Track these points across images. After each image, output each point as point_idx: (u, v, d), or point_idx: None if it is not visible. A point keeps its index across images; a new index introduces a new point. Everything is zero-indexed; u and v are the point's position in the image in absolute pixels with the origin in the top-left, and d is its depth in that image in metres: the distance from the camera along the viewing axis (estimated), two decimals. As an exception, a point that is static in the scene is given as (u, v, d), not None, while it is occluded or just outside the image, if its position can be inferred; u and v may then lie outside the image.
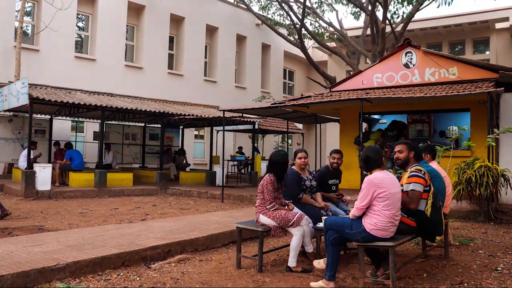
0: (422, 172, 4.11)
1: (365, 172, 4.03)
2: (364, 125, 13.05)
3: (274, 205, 4.67)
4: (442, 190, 4.72)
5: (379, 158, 3.96)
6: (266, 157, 18.44)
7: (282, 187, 4.88)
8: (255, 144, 18.15)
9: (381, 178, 3.81)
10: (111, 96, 14.33)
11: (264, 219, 4.69)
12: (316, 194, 5.36)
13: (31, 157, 11.37)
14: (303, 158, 5.23)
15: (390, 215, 3.75)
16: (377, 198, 3.76)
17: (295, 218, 4.58)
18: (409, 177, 4.08)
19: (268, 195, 4.67)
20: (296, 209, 4.93)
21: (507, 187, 7.55)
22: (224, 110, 11.25)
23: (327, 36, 20.75)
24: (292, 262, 4.56)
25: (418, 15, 17.22)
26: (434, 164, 5.22)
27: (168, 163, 15.91)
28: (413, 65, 10.46)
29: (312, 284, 4.00)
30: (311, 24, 20.86)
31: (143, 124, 17.36)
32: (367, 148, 4.09)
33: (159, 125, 15.72)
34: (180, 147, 17.40)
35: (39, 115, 14.73)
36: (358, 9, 18.77)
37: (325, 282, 3.89)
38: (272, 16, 20.71)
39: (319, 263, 4.43)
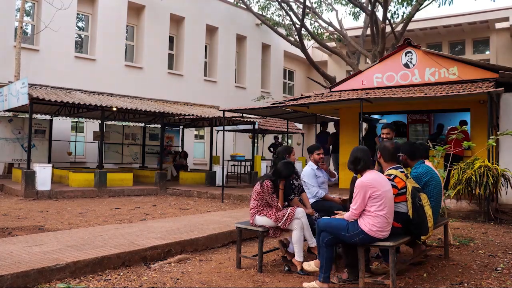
0: (392, 177, 4.07)
1: (354, 175, 3.98)
2: (364, 125, 13.04)
3: (279, 206, 4.59)
4: (438, 194, 4.71)
5: (368, 159, 3.93)
6: (266, 157, 18.43)
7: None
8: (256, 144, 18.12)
9: (372, 178, 3.81)
10: (111, 96, 14.32)
11: (260, 220, 4.65)
12: (302, 195, 5.10)
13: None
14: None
15: (385, 215, 3.75)
16: (371, 200, 3.75)
17: (289, 211, 4.54)
18: None
19: (272, 200, 4.60)
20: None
21: (507, 187, 7.52)
22: (224, 110, 11.23)
23: (326, 36, 20.74)
24: (299, 256, 4.49)
25: (418, 15, 17.24)
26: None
27: (167, 163, 15.97)
28: (413, 65, 10.45)
29: (305, 284, 3.97)
30: (311, 24, 20.86)
31: (143, 124, 17.36)
32: (355, 148, 4.06)
33: (159, 125, 15.72)
34: (181, 149, 17.41)
35: (39, 115, 14.73)
36: (358, 9, 18.76)
37: (319, 284, 3.86)
38: (271, 16, 20.69)
39: (310, 265, 4.28)
